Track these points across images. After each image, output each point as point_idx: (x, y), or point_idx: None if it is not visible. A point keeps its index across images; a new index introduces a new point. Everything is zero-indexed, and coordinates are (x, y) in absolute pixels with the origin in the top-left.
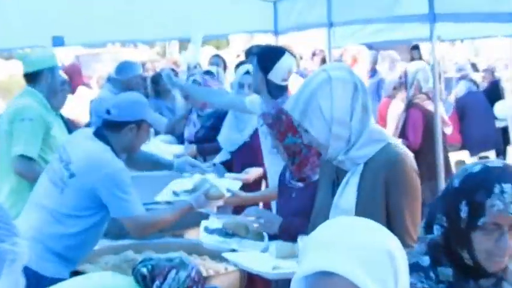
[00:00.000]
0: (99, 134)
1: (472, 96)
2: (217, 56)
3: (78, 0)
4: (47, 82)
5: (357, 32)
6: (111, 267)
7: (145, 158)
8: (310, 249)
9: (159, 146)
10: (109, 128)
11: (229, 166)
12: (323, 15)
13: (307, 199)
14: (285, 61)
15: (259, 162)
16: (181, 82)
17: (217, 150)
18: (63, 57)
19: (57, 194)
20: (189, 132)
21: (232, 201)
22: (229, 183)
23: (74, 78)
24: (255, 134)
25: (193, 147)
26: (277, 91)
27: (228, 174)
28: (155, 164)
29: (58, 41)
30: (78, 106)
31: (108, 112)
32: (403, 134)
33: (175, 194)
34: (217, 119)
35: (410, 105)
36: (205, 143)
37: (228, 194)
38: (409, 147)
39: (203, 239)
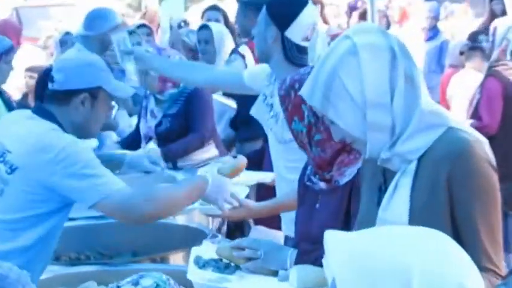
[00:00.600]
0: (40, 111)
1: None
2: (214, 8)
3: None
4: None
5: None
6: None
7: None
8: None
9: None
10: (54, 101)
11: None
12: None
13: (334, 214)
14: (309, 12)
15: None
16: (143, 52)
17: (192, 149)
18: None
19: None
20: (146, 125)
21: (239, 214)
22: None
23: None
24: None
25: (156, 149)
26: (297, 54)
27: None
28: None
29: None
30: (20, 75)
31: (51, 79)
32: (476, 114)
33: None
34: (186, 103)
35: (489, 73)
36: (171, 141)
37: (243, 162)
38: (482, 131)
39: (191, 276)
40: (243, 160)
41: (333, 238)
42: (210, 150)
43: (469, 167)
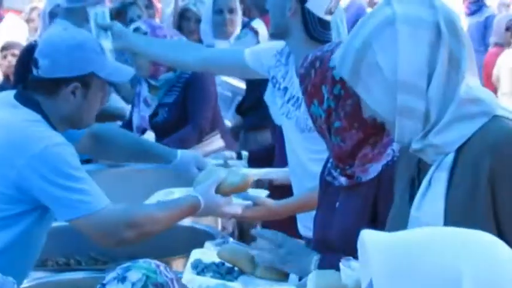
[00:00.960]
0: (23, 98)
1: None
2: None
3: None
4: None
5: None
6: None
7: (130, 143)
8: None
9: None
10: (39, 90)
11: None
12: None
13: (356, 215)
14: None
15: None
16: (122, 28)
17: (189, 142)
18: None
19: None
20: (139, 115)
21: (256, 214)
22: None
23: None
24: None
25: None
26: (319, 29)
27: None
28: (146, 153)
29: None
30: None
31: (35, 63)
32: None
33: None
34: (185, 89)
35: None
36: (169, 133)
37: (251, 179)
38: None
39: (189, 283)
40: (247, 178)
41: (371, 237)
42: (214, 142)
43: None
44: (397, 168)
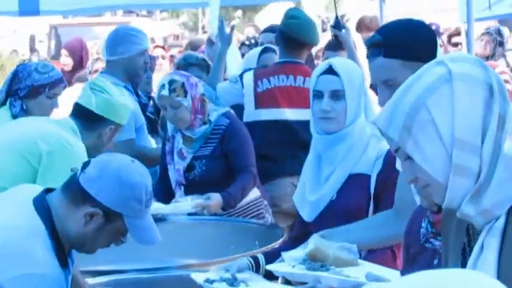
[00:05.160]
0: (40, 204)
1: None
2: (271, 30)
3: None
4: None
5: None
6: None
7: None
8: None
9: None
10: (68, 191)
11: None
12: None
13: None
14: None
15: None
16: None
17: (248, 190)
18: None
19: None
20: (175, 170)
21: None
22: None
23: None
24: None
25: (216, 196)
26: None
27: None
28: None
29: (29, 7)
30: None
31: (84, 166)
32: None
33: None
34: (223, 141)
35: None
36: (206, 188)
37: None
38: None
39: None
40: None
41: None
42: (253, 191)
43: None
44: (442, 234)
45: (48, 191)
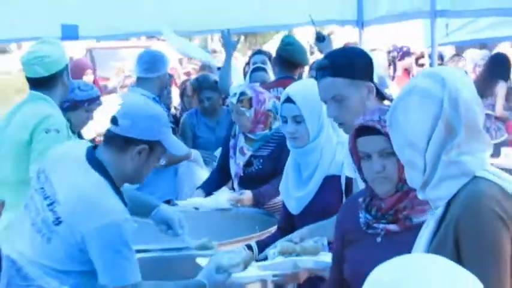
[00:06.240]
0: (94, 162)
1: None
2: (260, 52)
3: None
4: (63, 85)
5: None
6: None
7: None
8: None
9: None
10: (112, 146)
11: None
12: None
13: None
14: None
15: None
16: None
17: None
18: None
19: (43, 244)
20: (235, 164)
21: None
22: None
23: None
24: None
25: (248, 193)
26: None
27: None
28: (139, 206)
29: (70, 32)
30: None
31: (115, 121)
32: None
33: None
34: (279, 146)
35: None
36: (258, 183)
37: (250, 260)
38: None
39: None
40: (246, 258)
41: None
42: None
43: (472, 218)
44: None
45: (92, 148)
